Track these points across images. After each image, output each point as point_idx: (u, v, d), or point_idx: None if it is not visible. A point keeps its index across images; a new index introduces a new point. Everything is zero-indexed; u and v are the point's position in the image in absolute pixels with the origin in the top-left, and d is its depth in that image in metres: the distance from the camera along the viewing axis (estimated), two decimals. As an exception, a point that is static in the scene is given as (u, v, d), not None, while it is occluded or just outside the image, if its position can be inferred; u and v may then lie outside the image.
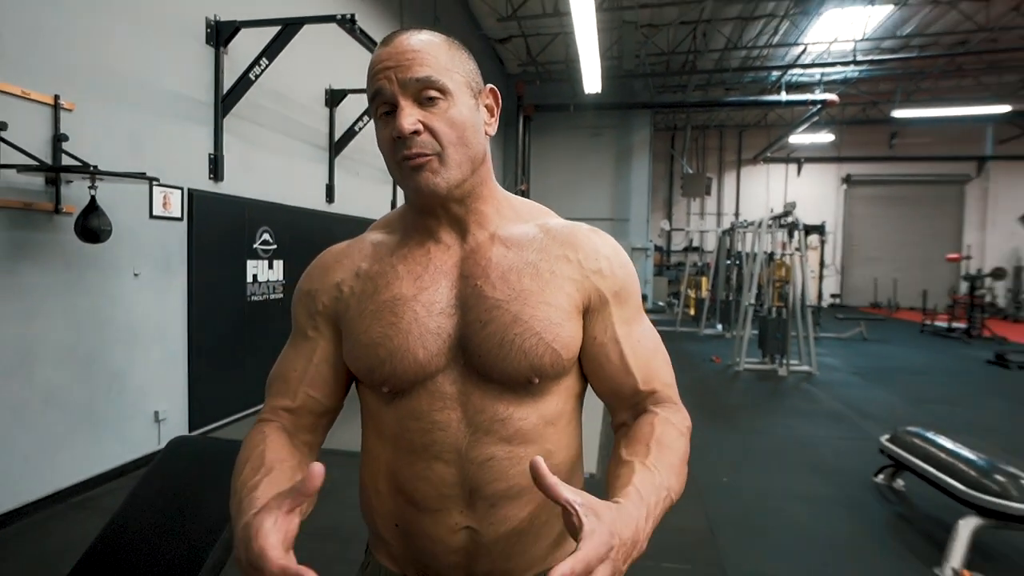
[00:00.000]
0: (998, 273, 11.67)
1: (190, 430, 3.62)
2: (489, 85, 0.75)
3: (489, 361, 0.69)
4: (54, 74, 2.72)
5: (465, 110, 0.69)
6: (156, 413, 3.38)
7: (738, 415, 4.84)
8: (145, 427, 3.33)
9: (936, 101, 12.67)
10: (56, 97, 2.71)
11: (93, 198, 2.71)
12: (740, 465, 3.58)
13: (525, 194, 10.26)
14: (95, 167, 2.63)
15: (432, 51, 0.67)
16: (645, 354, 0.77)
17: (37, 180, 2.68)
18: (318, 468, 0.54)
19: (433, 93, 0.66)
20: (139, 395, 3.28)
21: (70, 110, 2.78)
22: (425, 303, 0.71)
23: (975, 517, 2.42)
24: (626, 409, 0.78)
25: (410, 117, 0.65)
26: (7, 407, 2.59)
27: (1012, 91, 12.45)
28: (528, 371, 0.70)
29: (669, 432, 0.70)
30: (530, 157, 11.69)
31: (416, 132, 0.65)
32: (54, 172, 2.65)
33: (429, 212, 0.74)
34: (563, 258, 0.74)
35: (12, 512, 2.61)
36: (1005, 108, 11.00)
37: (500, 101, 0.76)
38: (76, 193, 2.80)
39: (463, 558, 0.72)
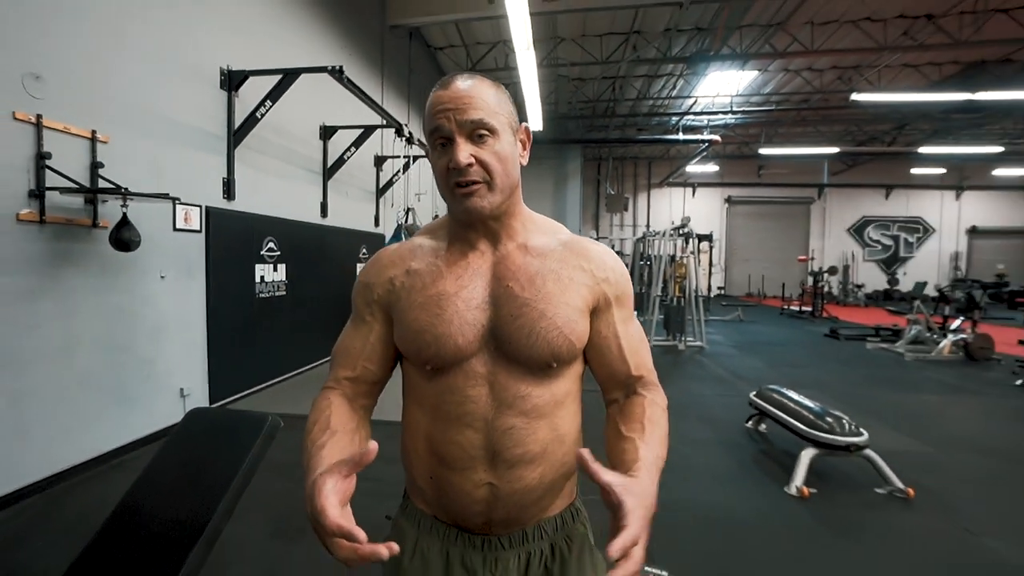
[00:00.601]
0: (832, 270, 12.63)
1: (210, 403, 3.51)
2: (524, 124, 0.73)
3: (518, 348, 0.69)
4: (92, 112, 2.60)
5: (507, 146, 0.68)
6: (181, 390, 3.27)
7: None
8: (172, 402, 3.21)
9: (789, 142, 13.39)
10: (93, 131, 2.59)
11: (125, 215, 2.60)
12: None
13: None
14: (127, 189, 2.52)
15: (483, 96, 0.66)
16: (636, 346, 0.77)
17: (77, 200, 2.55)
18: (374, 446, 0.54)
19: (483, 132, 0.65)
20: (166, 376, 3.16)
21: (105, 142, 2.65)
22: (465, 299, 0.70)
23: (812, 448, 2.58)
24: (619, 389, 0.78)
25: (464, 152, 0.65)
26: (52, 389, 2.46)
27: (839, 137, 13.31)
28: (549, 357, 0.69)
29: (656, 411, 0.72)
30: (486, 181, 11.67)
31: (470, 165, 0.65)
32: (92, 193, 2.53)
33: (470, 225, 0.73)
34: (579, 267, 0.74)
35: (62, 473, 2.51)
36: (835, 149, 11.95)
37: (531, 136, 0.75)
38: (110, 210, 2.68)
39: (484, 507, 0.71)
